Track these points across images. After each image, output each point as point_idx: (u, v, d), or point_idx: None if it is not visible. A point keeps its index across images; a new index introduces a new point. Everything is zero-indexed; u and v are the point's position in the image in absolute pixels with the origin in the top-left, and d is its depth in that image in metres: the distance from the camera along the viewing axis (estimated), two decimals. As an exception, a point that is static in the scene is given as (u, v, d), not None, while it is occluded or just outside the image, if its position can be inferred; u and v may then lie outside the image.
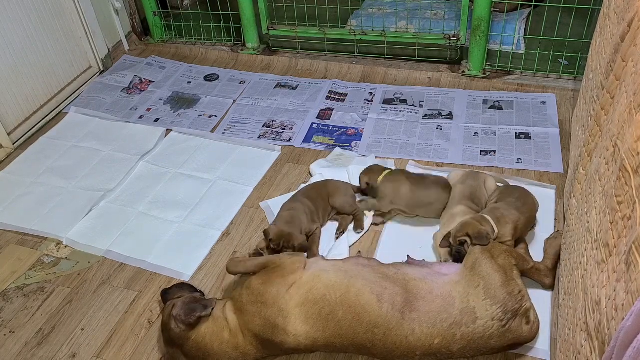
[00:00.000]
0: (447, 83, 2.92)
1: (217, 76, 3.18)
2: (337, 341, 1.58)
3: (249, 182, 2.40)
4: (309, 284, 1.62)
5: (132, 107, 2.97)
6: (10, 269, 2.11)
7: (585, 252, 1.39)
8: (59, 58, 2.99)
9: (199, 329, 1.62)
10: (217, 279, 2.01)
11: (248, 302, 1.63)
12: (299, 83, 3.05)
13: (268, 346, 1.62)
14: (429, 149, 2.50)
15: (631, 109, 1.21)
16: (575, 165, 1.91)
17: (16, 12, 2.70)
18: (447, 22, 3.00)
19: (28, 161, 2.64)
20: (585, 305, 1.25)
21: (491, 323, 1.54)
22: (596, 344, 1.11)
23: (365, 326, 1.55)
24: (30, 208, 2.36)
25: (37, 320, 1.92)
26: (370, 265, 1.71)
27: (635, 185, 1.06)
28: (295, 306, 1.59)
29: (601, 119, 1.59)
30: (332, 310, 1.57)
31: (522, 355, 1.67)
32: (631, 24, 1.42)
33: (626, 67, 1.42)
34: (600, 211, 1.31)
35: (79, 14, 3.05)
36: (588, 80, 1.99)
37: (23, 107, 2.81)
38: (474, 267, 1.65)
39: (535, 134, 2.51)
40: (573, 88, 2.75)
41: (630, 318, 0.87)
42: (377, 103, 2.82)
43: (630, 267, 0.98)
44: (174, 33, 3.50)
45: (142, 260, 2.09)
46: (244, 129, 2.74)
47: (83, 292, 2.01)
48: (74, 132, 2.82)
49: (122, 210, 2.32)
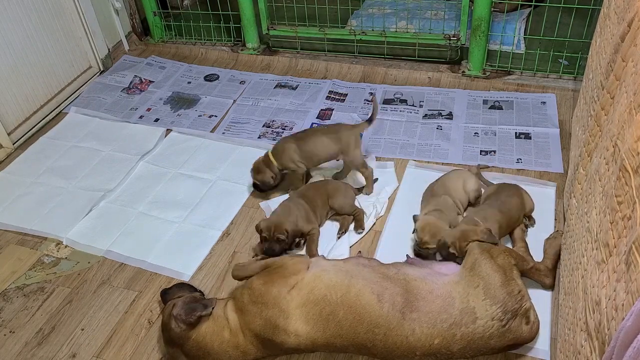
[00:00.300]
0: (447, 83, 2.92)
1: (217, 76, 3.18)
2: (337, 341, 1.58)
3: (249, 182, 2.40)
4: (310, 284, 1.62)
5: (132, 107, 2.97)
6: (10, 269, 2.11)
7: (585, 252, 1.39)
8: (59, 58, 2.99)
9: (199, 329, 1.62)
10: (217, 279, 2.01)
11: (249, 302, 1.63)
12: (299, 83, 3.05)
13: (268, 346, 1.62)
14: (429, 149, 2.50)
15: (631, 109, 1.21)
16: (575, 165, 1.91)
17: (16, 12, 2.70)
18: (447, 22, 3.00)
19: (28, 161, 2.64)
20: (585, 305, 1.25)
21: (491, 323, 1.54)
22: (596, 344, 1.11)
23: (365, 326, 1.56)
24: (30, 208, 2.36)
25: (37, 320, 1.92)
26: (371, 266, 1.71)
27: (635, 185, 1.06)
28: (296, 307, 1.59)
29: (601, 119, 1.59)
30: (333, 311, 1.57)
31: (522, 355, 1.67)
32: (631, 24, 1.42)
33: (626, 67, 1.42)
34: (600, 211, 1.31)
35: (79, 14, 3.05)
36: (588, 80, 1.99)
37: (23, 107, 2.81)
38: (473, 267, 1.65)
39: (535, 134, 2.51)
40: (573, 88, 2.75)
41: (630, 318, 0.87)
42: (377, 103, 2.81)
43: (630, 267, 0.98)
44: (174, 33, 3.50)
45: (142, 260, 2.09)
46: (244, 129, 2.74)
47: (83, 292, 2.01)
48: (74, 132, 2.82)
49: (122, 210, 2.32)
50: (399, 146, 2.53)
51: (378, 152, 2.50)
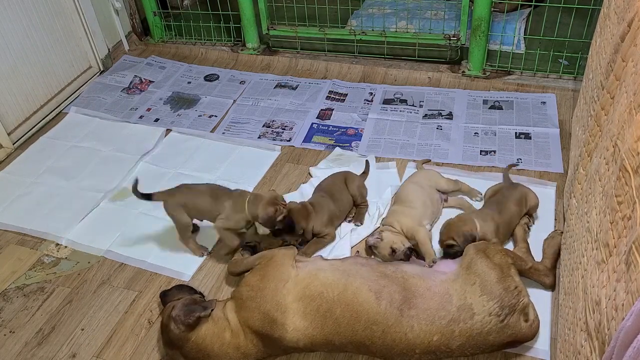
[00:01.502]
0: (447, 83, 2.92)
1: (217, 76, 3.18)
2: (335, 339, 1.59)
3: (249, 182, 2.40)
4: (305, 280, 1.65)
5: (132, 107, 2.97)
6: (10, 269, 2.11)
7: (585, 252, 1.39)
8: (59, 58, 2.99)
9: (199, 330, 1.63)
10: (217, 279, 2.01)
11: (247, 298, 1.65)
12: (299, 83, 3.05)
13: (268, 343, 1.62)
14: (429, 149, 2.50)
15: (631, 109, 1.21)
16: (575, 165, 1.91)
17: (16, 12, 2.70)
18: (447, 22, 3.00)
19: (28, 161, 2.64)
20: (585, 305, 1.25)
21: (488, 318, 1.55)
22: (596, 344, 1.11)
23: (363, 323, 1.57)
24: (30, 208, 2.36)
25: (37, 320, 1.92)
26: (369, 264, 1.73)
27: (635, 185, 1.06)
28: (293, 301, 1.61)
29: (601, 119, 1.59)
30: (330, 307, 1.59)
31: (522, 355, 1.67)
32: (631, 24, 1.42)
33: (626, 67, 1.42)
34: (600, 211, 1.31)
35: (79, 14, 3.05)
36: (588, 80, 1.99)
37: (23, 107, 2.81)
38: (469, 266, 1.66)
39: (535, 134, 2.51)
40: (573, 88, 2.75)
41: (630, 318, 0.87)
42: (377, 103, 2.82)
43: (630, 267, 0.98)
44: (174, 33, 3.50)
45: (142, 260, 2.09)
46: (244, 129, 2.74)
47: (83, 292, 2.01)
48: (74, 132, 2.82)
49: (122, 210, 2.32)
50: (399, 146, 2.53)
51: (378, 152, 2.50)
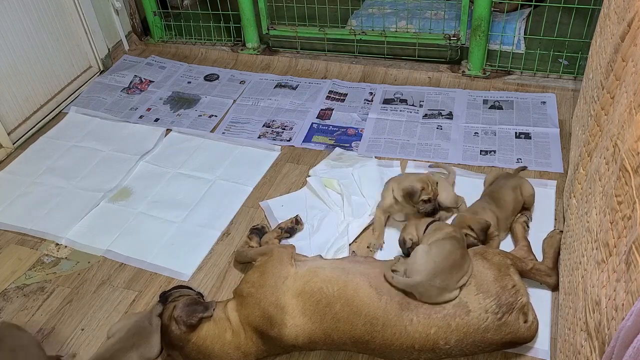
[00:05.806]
0: (447, 83, 2.92)
1: (217, 76, 3.17)
2: (334, 334, 1.60)
3: (249, 182, 2.40)
4: (305, 277, 1.66)
5: (132, 107, 2.97)
6: (10, 269, 2.11)
7: (585, 252, 1.39)
8: (59, 58, 2.99)
9: (200, 331, 1.63)
10: (217, 279, 2.01)
11: (248, 295, 1.66)
12: (299, 83, 3.05)
13: (268, 341, 1.63)
14: (429, 149, 2.50)
15: (631, 109, 1.21)
16: (575, 165, 1.91)
17: (16, 12, 2.70)
18: (447, 22, 2.99)
19: (28, 161, 2.64)
20: (585, 305, 1.25)
21: (485, 315, 1.56)
22: (596, 344, 1.11)
23: (363, 318, 1.58)
24: (30, 208, 2.36)
25: (37, 320, 1.92)
26: (367, 262, 1.76)
27: (635, 185, 1.06)
28: (292, 297, 1.62)
29: (601, 119, 1.59)
30: (329, 303, 1.60)
31: (522, 355, 1.67)
32: (631, 24, 1.42)
33: (626, 67, 1.42)
34: (600, 211, 1.31)
35: (79, 14, 3.05)
36: (588, 80, 1.99)
37: (23, 107, 2.81)
38: None
39: (535, 134, 2.51)
40: (573, 88, 2.75)
41: (630, 318, 0.87)
42: (377, 103, 2.82)
43: (630, 267, 0.98)
44: (174, 33, 3.50)
45: (142, 260, 2.09)
46: (244, 129, 2.74)
47: (83, 292, 2.01)
48: (74, 132, 2.82)
49: (122, 210, 2.32)
50: (399, 146, 2.53)
51: (378, 152, 2.50)
